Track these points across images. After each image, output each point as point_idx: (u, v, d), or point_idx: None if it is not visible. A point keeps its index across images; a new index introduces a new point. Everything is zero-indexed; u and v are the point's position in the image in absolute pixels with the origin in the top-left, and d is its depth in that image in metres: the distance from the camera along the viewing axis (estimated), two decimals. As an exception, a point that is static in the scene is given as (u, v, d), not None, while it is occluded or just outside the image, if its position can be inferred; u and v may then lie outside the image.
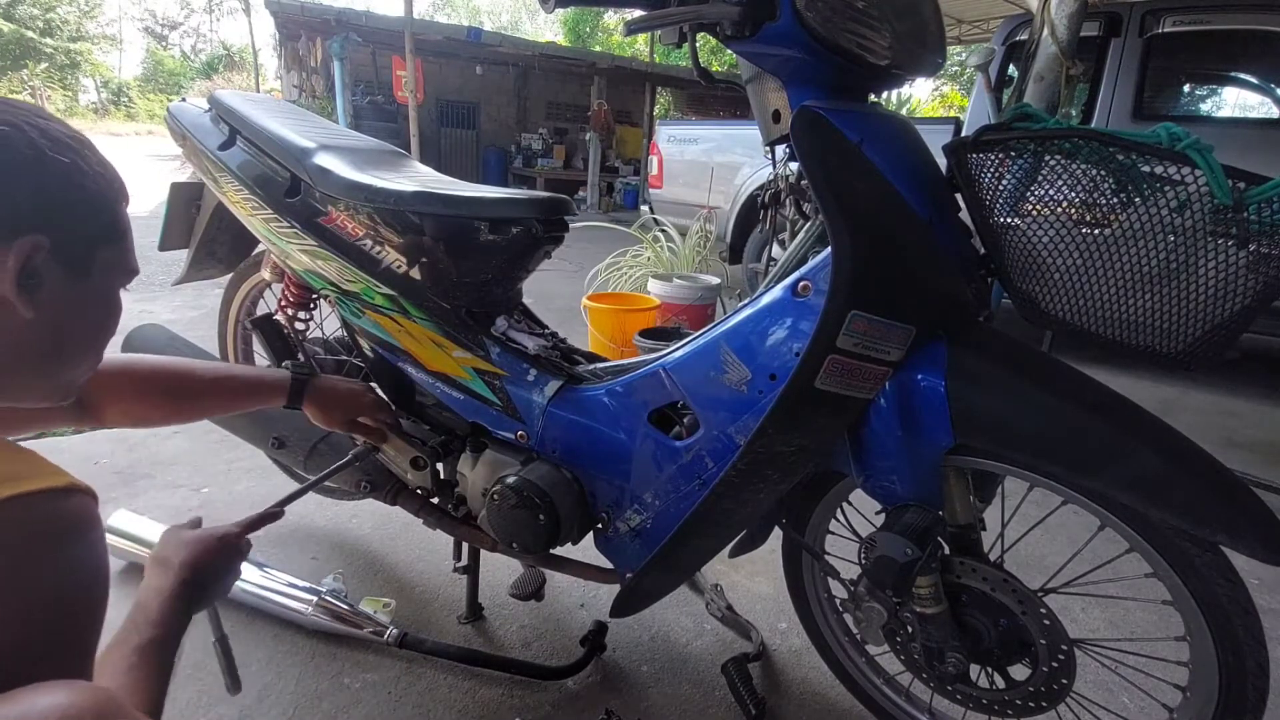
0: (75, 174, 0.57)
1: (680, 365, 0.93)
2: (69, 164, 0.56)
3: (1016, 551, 1.29)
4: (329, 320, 1.42)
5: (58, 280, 0.56)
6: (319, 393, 1.08)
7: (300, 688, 1.17)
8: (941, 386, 0.81)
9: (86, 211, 0.58)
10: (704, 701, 1.20)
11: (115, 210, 0.62)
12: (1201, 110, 4.16)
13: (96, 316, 0.62)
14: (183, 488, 1.76)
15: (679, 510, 0.97)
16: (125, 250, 0.63)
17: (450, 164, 11.30)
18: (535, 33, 25.13)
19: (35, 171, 0.54)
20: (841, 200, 0.78)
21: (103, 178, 0.60)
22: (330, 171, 1.10)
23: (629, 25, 0.85)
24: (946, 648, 0.91)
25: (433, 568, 1.51)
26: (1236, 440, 2.60)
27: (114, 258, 0.62)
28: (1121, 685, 1.19)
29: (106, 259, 0.61)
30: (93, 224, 0.59)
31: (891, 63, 0.79)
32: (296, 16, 9.12)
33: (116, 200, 0.62)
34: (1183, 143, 0.70)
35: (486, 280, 1.10)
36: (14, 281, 0.53)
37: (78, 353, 0.62)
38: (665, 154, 5.01)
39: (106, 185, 0.60)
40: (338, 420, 1.10)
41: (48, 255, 0.55)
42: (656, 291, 2.80)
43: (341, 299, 1.17)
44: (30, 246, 0.53)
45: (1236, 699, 0.79)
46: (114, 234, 0.61)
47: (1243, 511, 0.72)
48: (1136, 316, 0.78)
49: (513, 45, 10.88)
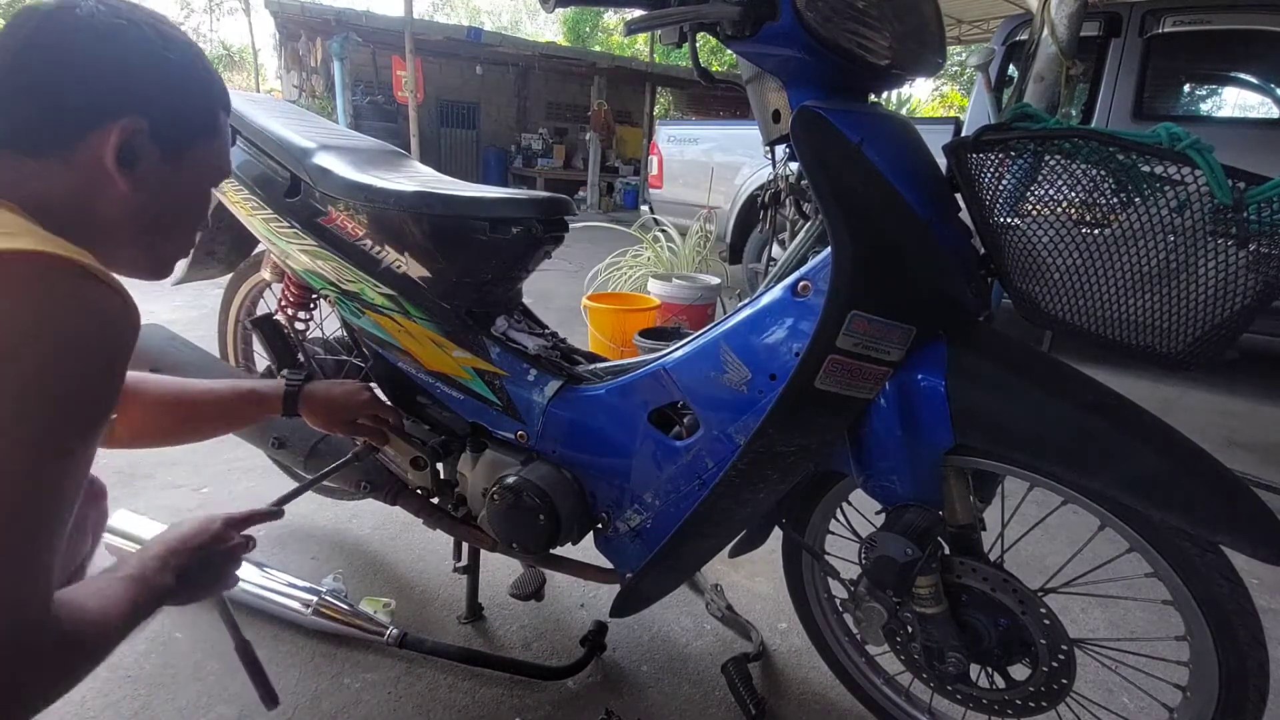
0: (180, 71, 0.64)
1: (680, 365, 0.93)
2: (175, 61, 0.64)
3: (1016, 551, 1.29)
4: (329, 320, 1.42)
5: (153, 161, 0.63)
6: (314, 399, 1.07)
7: (300, 688, 1.17)
8: (941, 386, 0.81)
9: (185, 105, 0.66)
10: (704, 701, 1.20)
11: (213, 111, 0.69)
12: (1201, 110, 4.16)
13: (186, 202, 0.70)
14: (183, 488, 1.76)
15: (679, 510, 0.97)
16: (218, 150, 0.71)
17: (450, 164, 11.30)
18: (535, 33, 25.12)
19: (143, 62, 0.61)
20: (841, 200, 0.78)
21: (206, 81, 0.67)
22: (330, 171, 1.11)
23: (629, 25, 0.85)
24: (946, 648, 0.91)
25: (433, 568, 1.51)
26: (1236, 440, 2.61)
27: (206, 154, 0.69)
28: (1121, 685, 1.19)
29: (199, 153, 0.68)
30: (190, 118, 0.67)
31: (892, 63, 0.79)
32: (296, 16, 9.11)
33: (215, 104, 0.69)
34: (1183, 143, 0.70)
35: (486, 280, 1.10)
36: (114, 156, 0.60)
37: (168, 231, 0.69)
38: (665, 154, 5.00)
39: (208, 87, 0.68)
40: (337, 423, 1.09)
41: (146, 137, 0.62)
42: (656, 291, 2.80)
43: (341, 299, 1.17)
44: (130, 127, 0.60)
45: (1236, 699, 0.79)
46: (210, 132, 0.69)
47: (1243, 511, 0.72)
48: (1136, 316, 0.78)
49: (513, 45, 10.88)
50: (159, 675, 1.17)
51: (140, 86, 0.62)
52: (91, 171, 0.60)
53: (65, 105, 0.59)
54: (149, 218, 0.65)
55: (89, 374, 0.53)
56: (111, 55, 0.60)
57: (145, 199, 0.64)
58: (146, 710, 1.11)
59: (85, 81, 0.59)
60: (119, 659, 1.18)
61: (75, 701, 1.10)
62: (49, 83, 0.58)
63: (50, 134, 0.59)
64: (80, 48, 0.59)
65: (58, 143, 0.59)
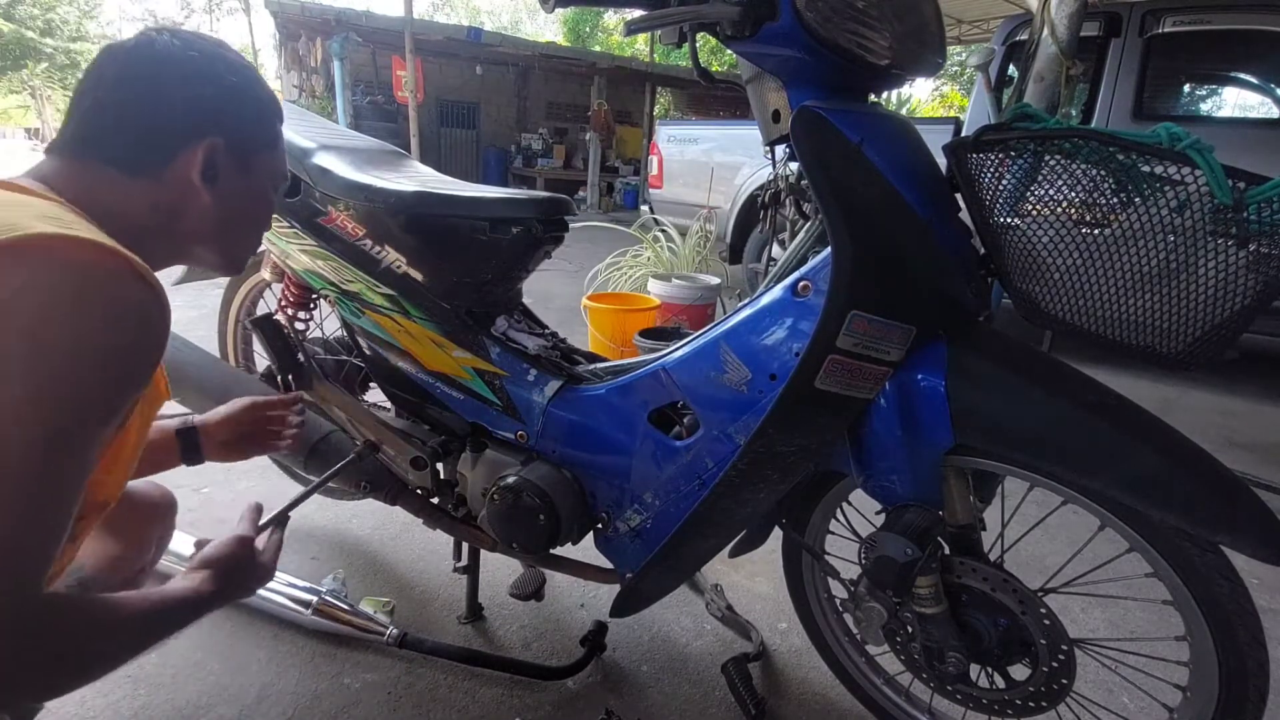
0: (244, 92, 0.73)
1: (680, 365, 0.93)
2: (239, 84, 0.72)
3: (1016, 551, 1.29)
4: (329, 320, 1.42)
5: (229, 174, 0.72)
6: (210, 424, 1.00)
7: (300, 688, 1.17)
8: (941, 386, 0.81)
9: (251, 121, 0.75)
10: (704, 701, 1.20)
11: (272, 124, 0.78)
12: (1201, 110, 4.16)
13: (255, 207, 0.79)
14: (183, 488, 1.75)
15: (679, 510, 0.97)
16: (279, 158, 0.81)
17: (450, 164, 11.30)
18: (535, 33, 25.11)
19: (215, 88, 0.70)
20: (841, 200, 0.78)
21: (265, 98, 0.76)
22: (330, 171, 1.11)
23: (629, 25, 0.85)
24: (946, 648, 0.91)
25: (433, 568, 1.51)
26: (1236, 440, 2.60)
27: (270, 163, 0.78)
28: (1121, 685, 1.19)
29: (264, 162, 0.77)
30: (256, 132, 0.76)
31: (892, 62, 0.79)
32: (296, 16, 9.11)
33: (274, 118, 0.78)
34: (1183, 143, 0.70)
35: (486, 280, 1.10)
36: (199, 173, 0.69)
37: (241, 233, 0.79)
38: (665, 154, 5.00)
39: (269, 105, 0.76)
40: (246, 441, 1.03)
41: (223, 153, 0.70)
42: (656, 291, 2.80)
43: (341, 299, 1.17)
44: (211, 146, 0.69)
45: (1236, 699, 0.79)
46: (271, 142, 0.78)
47: (1243, 511, 0.72)
48: (1136, 316, 0.78)
49: (513, 45, 10.87)
50: (159, 675, 1.17)
51: (215, 110, 0.70)
52: (181, 187, 0.69)
53: (156, 132, 0.67)
54: (228, 222, 0.74)
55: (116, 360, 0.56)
56: (190, 85, 0.68)
57: (224, 207, 0.73)
58: (146, 710, 1.11)
59: (172, 110, 0.67)
60: (119, 659, 1.18)
61: (75, 701, 1.10)
62: (141, 112, 0.66)
63: (146, 157, 0.67)
64: (164, 80, 0.67)
65: (153, 164, 0.67)
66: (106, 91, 0.66)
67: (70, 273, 0.53)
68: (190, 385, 1.32)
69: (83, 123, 0.66)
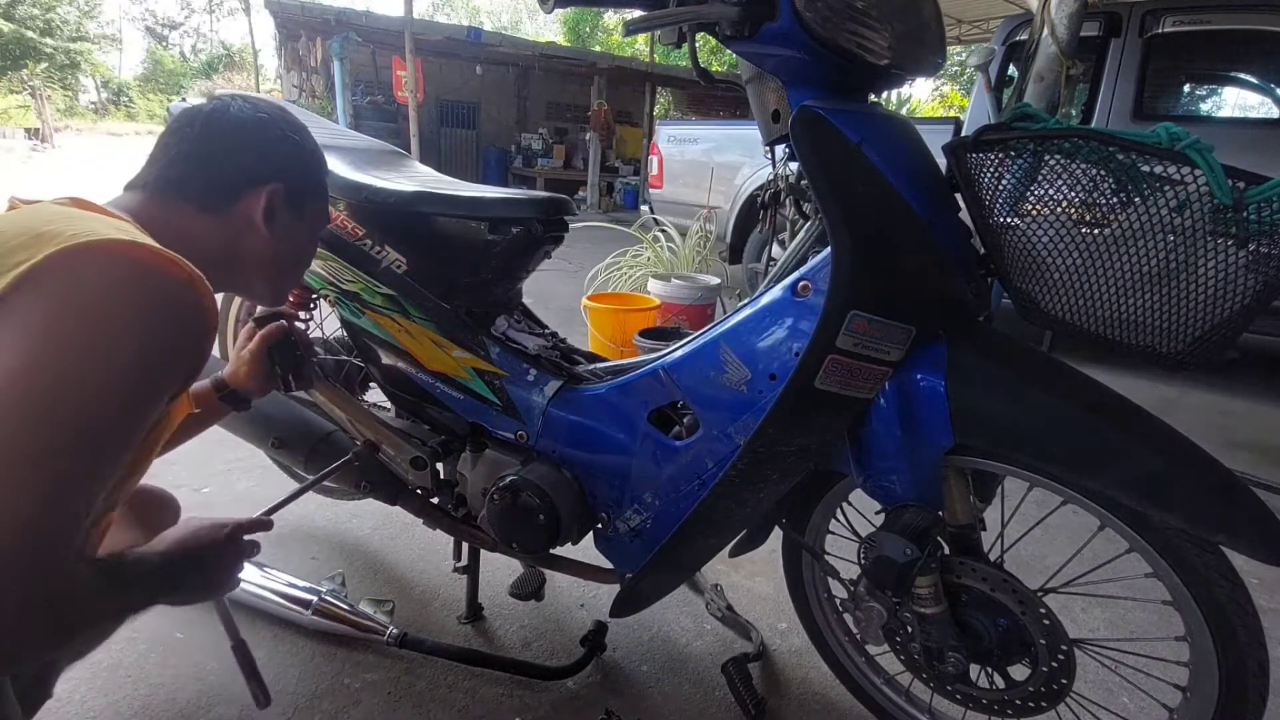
0: (301, 148, 0.85)
1: (680, 365, 0.93)
2: (299, 141, 0.85)
3: (1016, 551, 1.29)
4: (329, 320, 1.42)
5: (285, 217, 0.83)
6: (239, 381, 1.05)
7: (300, 688, 1.17)
8: (941, 386, 0.81)
9: (306, 172, 0.86)
10: (704, 701, 1.20)
11: (321, 176, 0.90)
12: (1201, 110, 4.16)
13: (303, 246, 0.91)
14: (183, 488, 1.76)
15: (679, 510, 0.97)
16: (325, 207, 0.93)
17: (450, 164, 11.30)
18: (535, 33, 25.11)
19: (280, 143, 0.82)
20: (841, 200, 0.78)
21: (316, 154, 0.89)
22: (330, 171, 1.10)
23: (628, 25, 0.85)
24: (946, 648, 0.91)
25: (433, 568, 1.51)
26: (1236, 440, 2.60)
27: (318, 209, 0.91)
28: (1121, 685, 1.19)
29: (314, 209, 0.89)
30: (310, 182, 0.88)
31: (891, 62, 0.78)
32: (296, 16, 9.11)
33: (322, 170, 0.91)
34: (1183, 142, 0.70)
35: (486, 280, 1.10)
36: (262, 213, 0.79)
37: (290, 270, 0.90)
38: (665, 154, 5.00)
39: (319, 160, 0.89)
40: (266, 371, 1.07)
41: (283, 198, 0.81)
42: (656, 291, 2.80)
43: (341, 299, 1.17)
44: (274, 191, 0.80)
45: (1236, 699, 0.79)
46: (321, 192, 0.91)
47: (1243, 511, 0.72)
48: (1136, 316, 0.78)
49: (513, 45, 10.88)
50: (159, 675, 1.17)
51: (277, 161, 0.82)
52: (243, 224, 0.79)
53: (228, 176, 0.78)
54: (279, 258, 0.85)
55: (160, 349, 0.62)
56: (257, 139, 0.80)
57: (278, 245, 0.83)
58: (146, 710, 1.11)
59: (241, 159, 0.79)
60: (119, 659, 1.19)
61: (75, 701, 1.10)
62: (217, 161, 0.77)
63: (217, 197, 0.78)
64: (236, 135, 0.79)
65: (222, 203, 0.78)
66: (189, 144, 0.77)
67: (134, 270, 0.60)
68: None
69: (165, 166, 0.76)
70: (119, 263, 0.60)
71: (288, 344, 1.06)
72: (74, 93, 27.70)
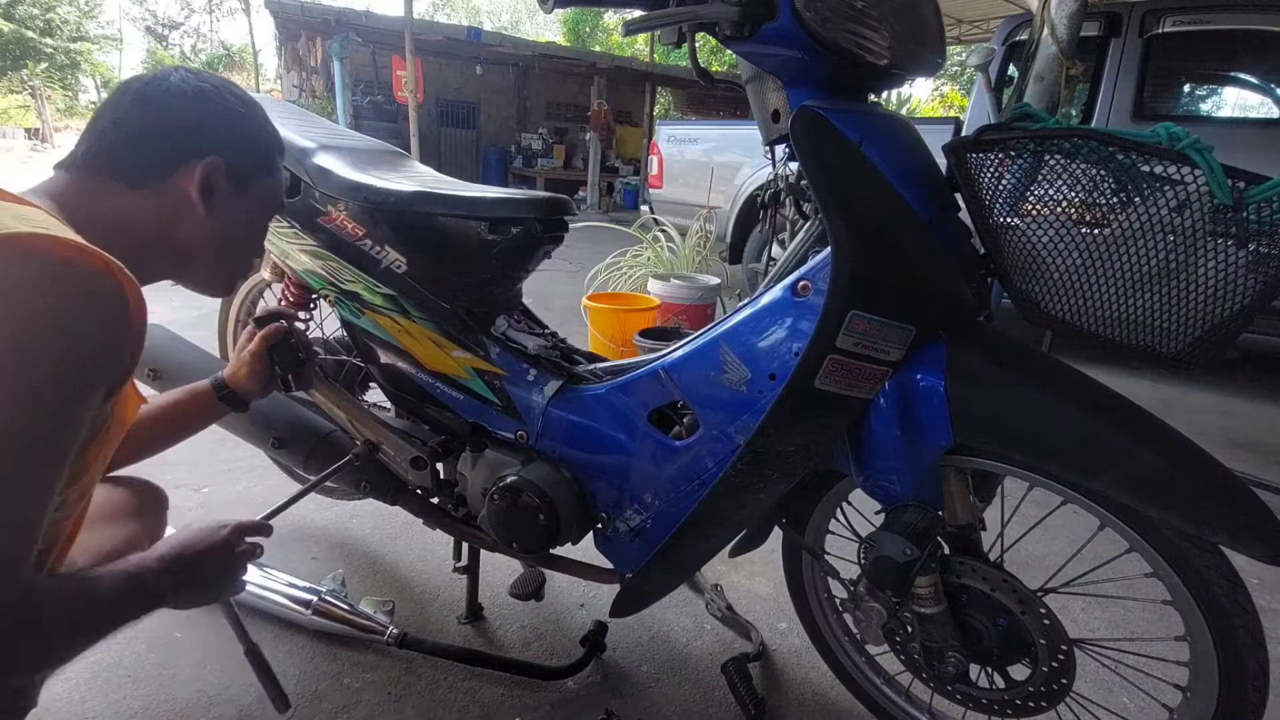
0: (249, 121, 0.79)
1: (680, 365, 0.93)
2: (245, 113, 0.79)
3: (1016, 551, 1.29)
4: (329, 320, 1.42)
5: (226, 193, 0.77)
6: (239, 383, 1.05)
7: (300, 688, 1.16)
8: (941, 386, 0.81)
9: (251, 148, 0.80)
10: (704, 701, 1.20)
11: (271, 154, 0.83)
12: (1201, 110, 4.15)
13: (248, 230, 0.84)
14: (183, 488, 1.76)
15: (679, 510, 0.97)
16: (275, 186, 0.85)
17: (450, 164, 11.30)
18: (535, 33, 25.12)
19: (222, 114, 0.76)
20: (841, 200, 0.78)
21: (267, 130, 0.82)
22: (330, 171, 1.10)
23: (628, 25, 0.85)
24: (946, 647, 0.91)
25: (433, 568, 1.51)
26: (1236, 440, 2.60)
27: (266, 189, 0.83)
28: (1121, 685, 1.19)
29: (261, 187, 0.82)
30: (255, 158, 0.81)
31: (891, 62, 0.78)
32: (296, 16, 9.11)
33: (273, 148, 0.84)
34: (1182, 142, 0.70)
35: (486, 280, 1.10)
36: (198, 186, 0.73)
37: (234, 254, 0.83)
38: (665, 154, 5.00)
39: (269, 135, 0.82)
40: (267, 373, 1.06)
41: (223, 172, 0.75)
42: (656, 291, 2.80)
43: (341, 299, 1.17)
44: (211, 164, 0.74)
45: (1236, 699, 0.79)
46: (269, 170, 0.84)
47: (1243, 511, 0.72)
48: (1136, 316, 0.78)
49: (513, 45, 10.88)
50: (159, 675, 1.17)
51: (218, 133, 0.76)
52: (179, 199, 0.74)
53: (160, 147, 0.73)
54: (220, 240, 0.78)
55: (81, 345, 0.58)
56: (196, 109, 0.74)
57: (219, 224, 0.77)
58: (146, 710, 1.11)
59: (177, 129, 0.73)
60: (119, 658, 1.19)
61: (75, 701, 1.10)
62: (150, 131, 0.72)
63: (149, 170, 0.72)
64: (173, 104, 0.73)
65: (154, 176, 0.72)
66: (120, 113, 0.72)
67: (42, 264, 0.56)
68: (190, 385, 1.32)
69: (95, 141, 0.71)
70: (23, 258, 0.55)
71: (288, 344, 1.06)
72: (74, 93, 27.72)
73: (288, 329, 1.06)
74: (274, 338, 1.05)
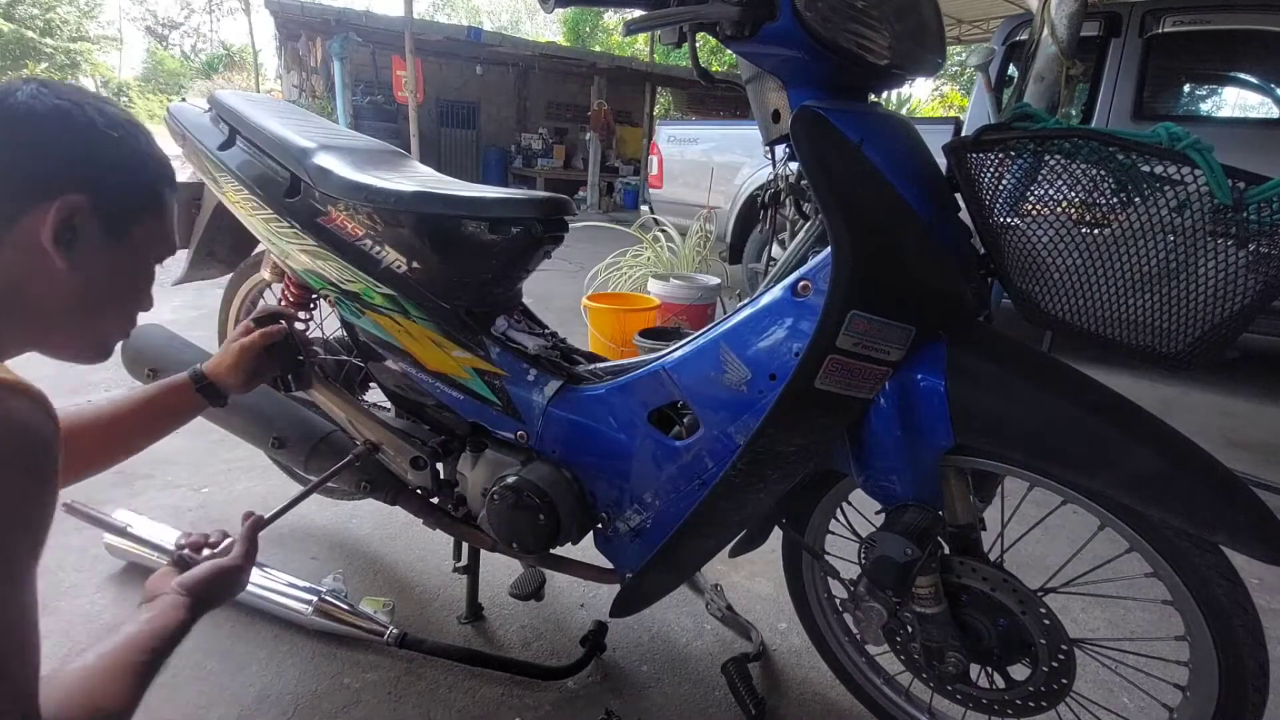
0: (123, 148, 0.64)
1: (680, 365, 0.93)
2: (118, 139, 0.63)
3: (1016, 551, 1.29)
4: (329, 320, 1.42)
5: (94, 238, 0.62)
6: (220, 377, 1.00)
7: (300, 688, 1.17)
8: (941, 386, 0.81)
9: (127, 182, 0.65)
10: (704, 701, 1.20)
11: (157, 188, 0.68)
12: (1201, 110, 4.16)
13: (128, 280, 0.68)
14: (182, 487, 1.76)
15: (679, 510, 0.97)
16: (164, 227, 0.70)
17: (450, 164, 11.30)
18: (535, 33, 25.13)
19: (85, 140, 0.61)
20: (841, 200, 0.78)
21: (150, 158, 0.67)
22: (330, 171, 1.10)
23: (628, 25, 0.85)
24: (946, 647, 0.91)
25: (433, 568, 1.51)
26: (1236, 440, 2.60)
27: (152, 231, 0.68)
28: (1121, 685, 1.19)
29: (144, 230, 0.67)
30: (133, 194, 0.66)
31: (891, 62, 0.78)
32: (296, 16, 9.11)
33: (159, 180, 0.68)
34: (1183, 142, 0.70)
35: (486, 280, 1.10)
36: (52, 233, 0.59)
37: (107, 310, 0.67)
38: (665, 154, 5.00)
39: (153, 165, 0.67)
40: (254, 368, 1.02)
41: (87, 214, 0.61)
42: (656, 291, 2.80)
43: (341, 299, 1.17)
44: (69, 204, 0.59)
45: (1236, 699, 0.79)
46: (154, 208, 0.68)
47: (1243, 511, 0.72)
48: (1136, 316, 0.78)
49: (513, 45, 10.88)
50: (159, 675, 1.17)
51: (80, 164, 0.61)
52: (28, 251, 0.59)
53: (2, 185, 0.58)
54: (88, 296, 0.64)
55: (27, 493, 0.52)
56: (51, 135, 0.59)
57: (84, 277, 0.63)
58: (146, 710, 1.10)
59: (23, 161, 0.59)
60: (119, 659, 1.18)
61: (75, 701, 1.10)
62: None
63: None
64: (19, 129, 0.58)
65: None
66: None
67: None
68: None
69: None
70: None
71: (287, 345, 1.06)
72: (74, 93, 27.65)
73: (288, 329, 1.06)
74: (274, 338, 1.04)
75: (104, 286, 0.65)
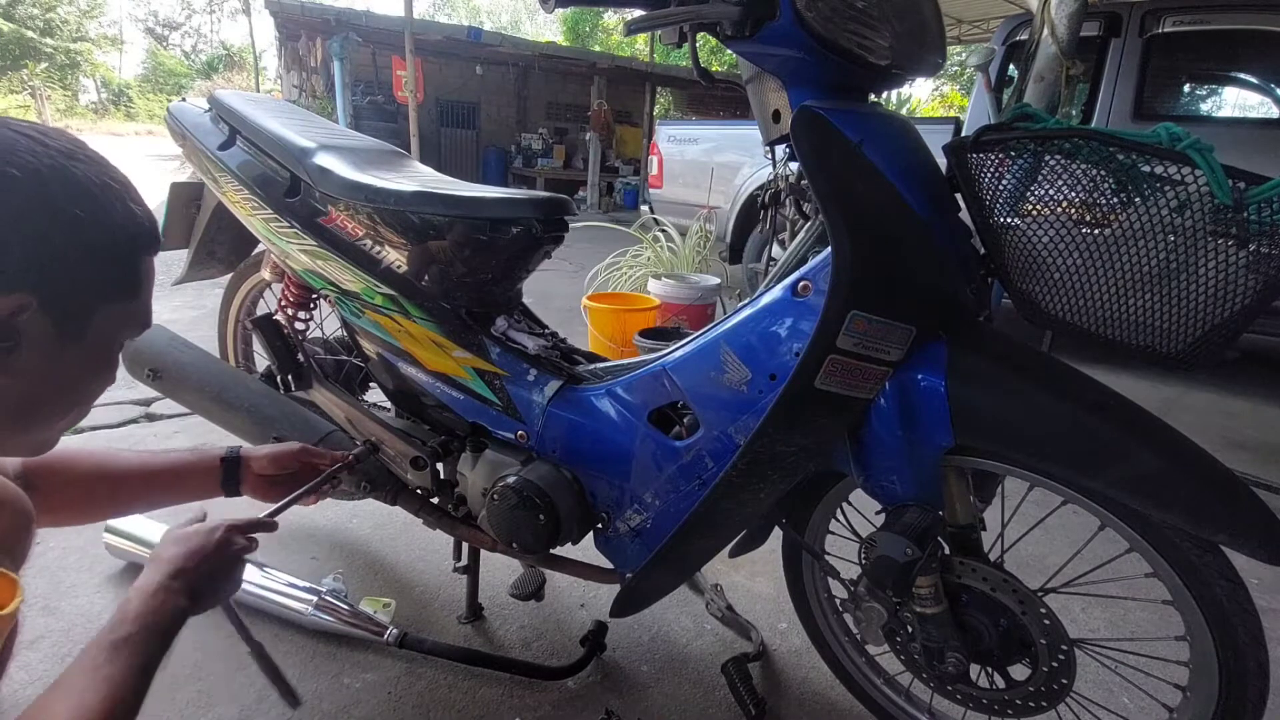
0: (89, 227, 0.52)
1: (680, 365, 0.93)
2: (83, 216, 0.51)
3: (1016, 551, 1.29)
4: (329, 320, 1.42)
5: (44, 339, 0.52)
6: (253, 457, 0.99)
7: (300, 688, 1.16)
8: (941, 386, 0.81)
9: (91, 268, 0.54)
10: (704, 701, 1.20)
11: (130, 264, 0.57)
12: (1201, 110, 4.16)
13: (84, 376, 0.58)
14: (183, 488, 1.76)
15: (679, 510, 0.97)
16: (135, 308, 0.59)
17: (450, 164, 11.30)
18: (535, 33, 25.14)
19: (37, 223, 0.49)
20: (841, 200, 0.78)
21: (124, 229, 0.55)
22: (330, 171, 1.11)
23: (629, 25, 0.85)
24: (946, 648, 0.91)
25: (433, 568, 1.51)
26: (1236, 440, 2.60)
27: (120, 315, 0.58)
28: (1121, 685, 1.19)
29: (110, 316, 0.57)
30: (97, 281, 0.54)
31: (892, 63, 0.79)
32: (296, 16, 9.12)
33: (134, 253, 0.57)
34: (1183, 143, 0.70)
35: (486, 280, 1.10)
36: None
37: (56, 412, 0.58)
38: (665, 154, 5.00)
39: (125, 238, 0.55)
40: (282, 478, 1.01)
41: (36, 313, 0.51)
42: (656, 291, 2.80)
43: (341, 299, 1.17)
44: (13, 305, 0.49)
45: (1236, 699, 0.79)
46: (124, 291, 0.57)
47: (1243, 511, 0.72)
48: (1136, 316, 0.78)
49: (513, 45, 10.88)
50: (159, 675, 1.17)
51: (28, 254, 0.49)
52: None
53: None
54: (28, 402, 0.54)
55: None
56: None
57: (28, 384, 0.53)
58: (147, 710, 1.10)
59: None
60: (119, 659, 1.18)
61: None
62: None
63: None
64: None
65: None
66: None
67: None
68: (190, 385, 1.32)
69: None
70: None
71: (287, 346, 1.06)
72: (74, 93, 27.71)
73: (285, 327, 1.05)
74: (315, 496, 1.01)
75: (55, 388, 0.56)
